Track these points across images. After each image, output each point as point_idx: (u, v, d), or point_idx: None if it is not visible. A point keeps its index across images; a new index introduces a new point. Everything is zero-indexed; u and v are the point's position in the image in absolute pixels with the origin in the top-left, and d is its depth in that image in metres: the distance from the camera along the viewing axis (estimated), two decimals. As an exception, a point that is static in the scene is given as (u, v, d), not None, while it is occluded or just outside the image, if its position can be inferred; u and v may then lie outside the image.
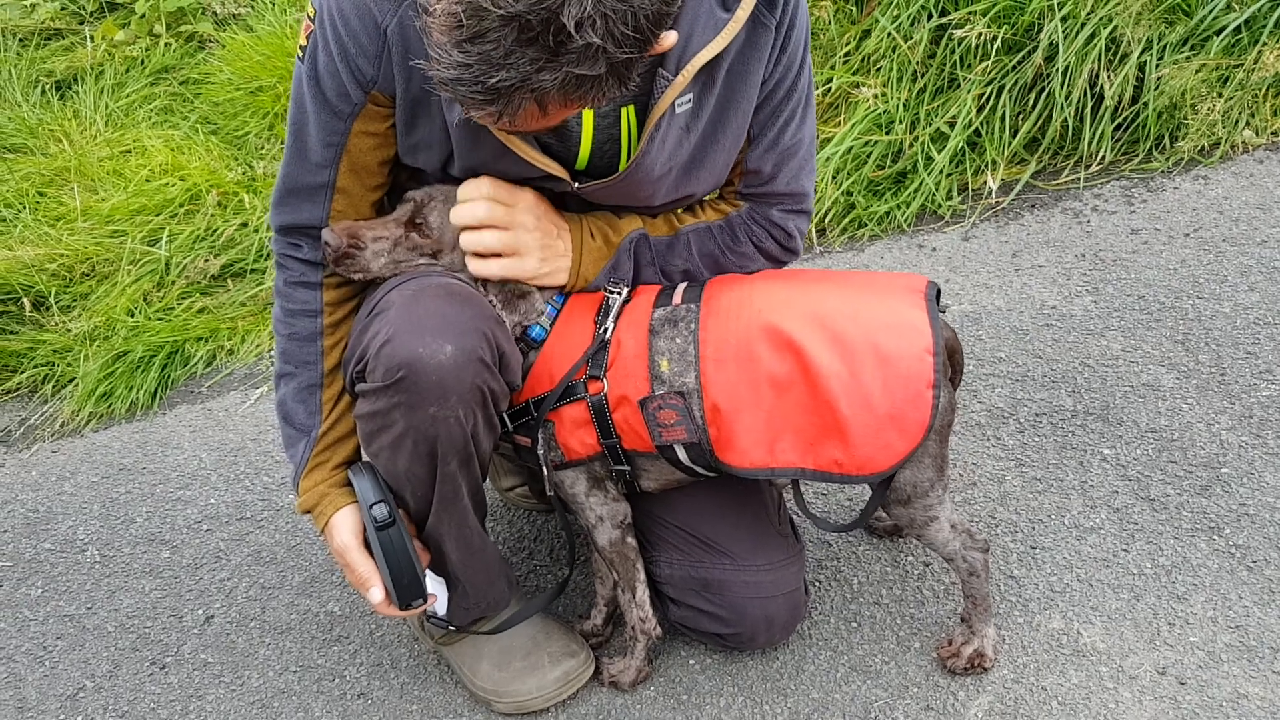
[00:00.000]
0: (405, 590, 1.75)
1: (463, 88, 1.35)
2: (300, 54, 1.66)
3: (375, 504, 1.71)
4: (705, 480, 1.90)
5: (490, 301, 1.74)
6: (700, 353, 1.71)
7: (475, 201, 1.71)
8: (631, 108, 1.68)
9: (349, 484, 1.78)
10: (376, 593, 1.76)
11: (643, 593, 1.94)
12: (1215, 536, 2.09)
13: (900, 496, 1.78)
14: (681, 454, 1.76)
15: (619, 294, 1.80)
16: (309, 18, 1.63)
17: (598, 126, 1.69)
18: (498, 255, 1.74)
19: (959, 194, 3.15)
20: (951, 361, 1.79)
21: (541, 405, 1.77)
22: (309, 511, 1.82)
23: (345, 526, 1.77)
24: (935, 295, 1.71)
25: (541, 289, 1.79)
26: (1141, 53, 3.04)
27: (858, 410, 1.64)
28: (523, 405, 1.79)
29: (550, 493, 1.86)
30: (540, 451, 1.81)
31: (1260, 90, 3.09)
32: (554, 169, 1.69)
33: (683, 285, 1.82)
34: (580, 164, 1.74)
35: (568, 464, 1.83)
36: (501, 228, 1.72)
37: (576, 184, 1.73)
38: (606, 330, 1.76)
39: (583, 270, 1.81)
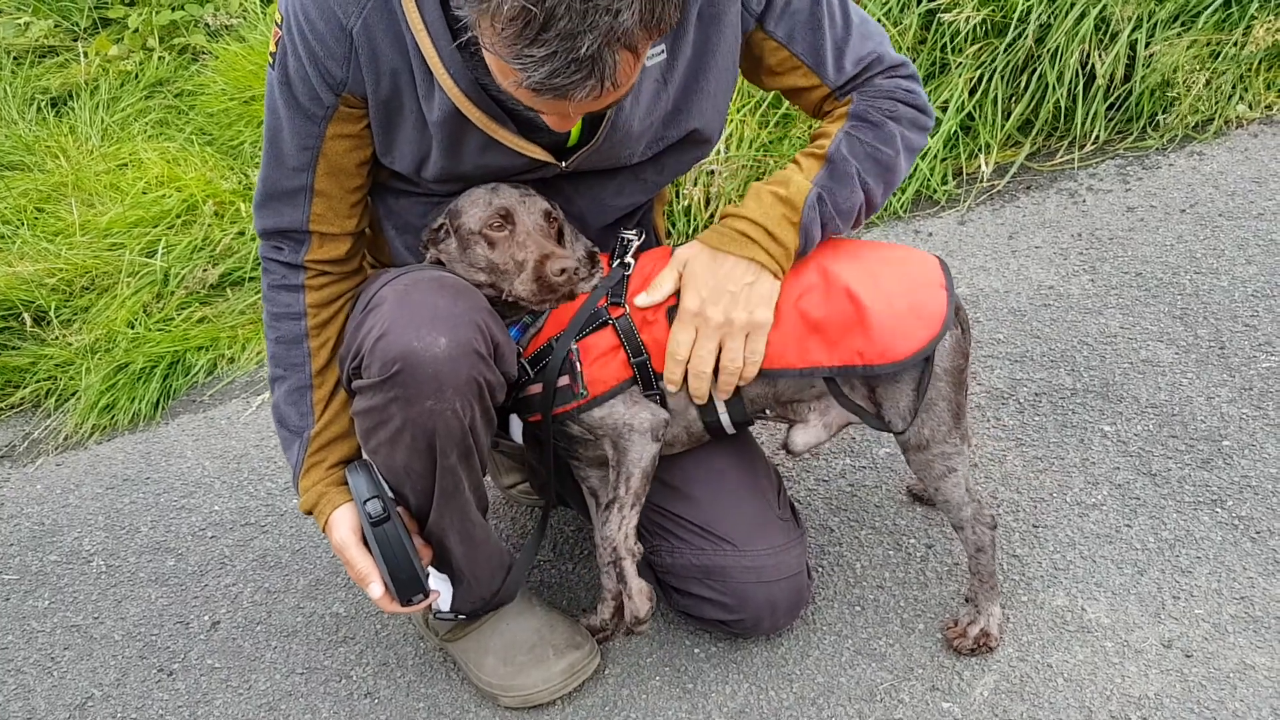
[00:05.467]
0: (404, 586, 1.75)
1: (559, 78, 1.33)
2: (271, 60, 1.67)
3: (369, 500, 1.71)
4: (706, 462, 1.92)
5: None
6: None
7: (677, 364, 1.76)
8: None
9: (347, 482, 1.78)
10: (376, 588, 1.76)
11: (637, 518, 1.87)
12: (1218, 509, 2.09)
13: (918, 441, 1.80)
14: None
15: (636, 238, 1.84)
16: (277, 24, 1.64)
17: None
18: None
19: (953, 178, 3.15)
20: (958, 318, 1.80)
21: (561, 338, 1.77)
22: (310, 511, 1.82)
23: (343, 524, 1.77)
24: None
25: None
26: (1132, 31, 3.04)
27: (879, 303, 1.70)
28: (541, 349, 1.79)
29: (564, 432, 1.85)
30: (557, 386, 1.78)
31: (1252, 64, 3.08)
32: (539, 154, 1.70)
33: None
34: (573, 140, 1.74)
35: (595, 401, 1.80)
36: (701, 350, 1.74)
37: (564, 163, 1.74)
38: (628, 266, 1.81)
39: (783, 264, 1.75)
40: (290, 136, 1.69)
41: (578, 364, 1.77)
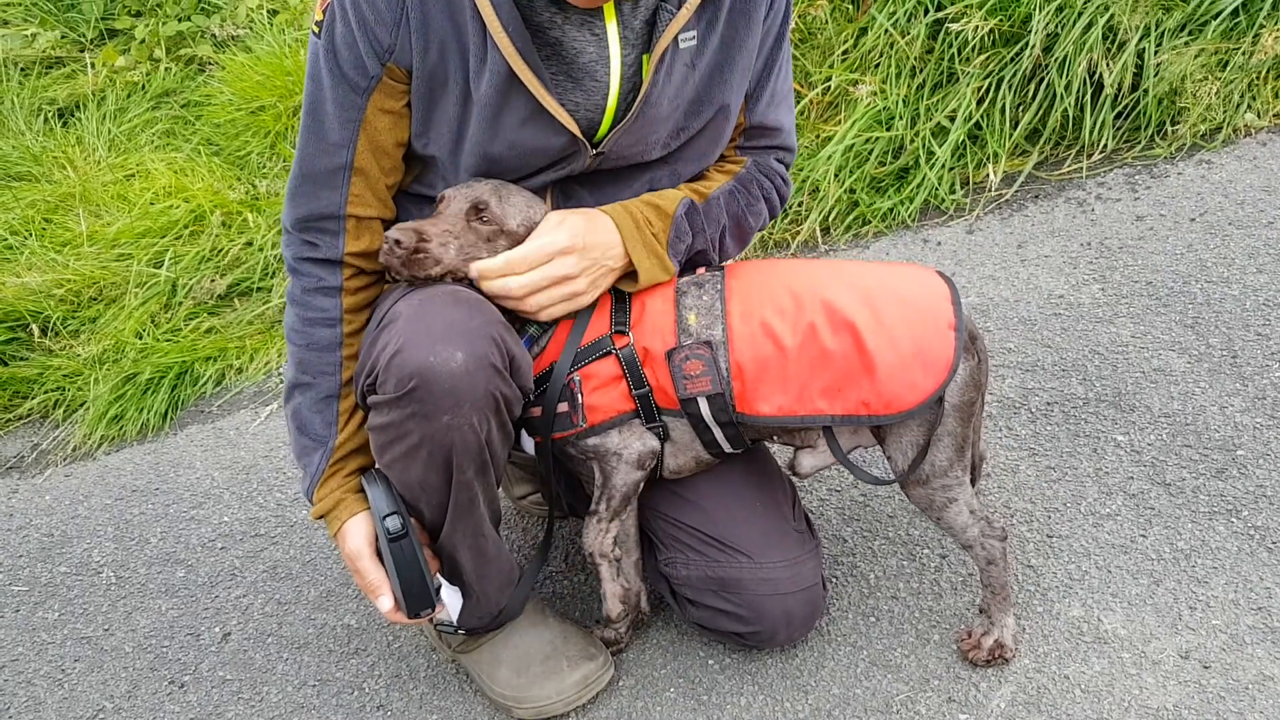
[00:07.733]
0: (414, 600, 1.75)
1: None
2: (316, 30, 1.67)
3: (389, 515, 1.71)
4: (719, 474, 1.91)
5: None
6: (727, 308, 1.76)
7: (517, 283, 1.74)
8: (648, 56, 1.70)
9: (362, 490, 1.77)
10: (385, 601, 1.76)
11: (616, 529, 1.90)
12: (1233, 519, 2.08)
13: (919, 476, 1.79)
14: (704, 408, 1.76)
15: None
16: None
17: (623, 77, 1.70)
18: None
19: (962, 187, 3.15)
20: (974, 348, 1.79)
21: (558, 365, 1.77)
22: (323, 517, 1.82)
23: (357, 533, 1.77)
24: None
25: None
26: (1140, 39, 3.04)
27: (884, 348, 1.68)
28: (543, 372, 1.78)
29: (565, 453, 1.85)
30: (556, 412, 1.78)
31: (1261, 72, 3.08)
32: (573, 127, 1.70)
33: (703, 266, 1.88)
34: (607, 122, 1.74)
35: (592, 430, 1.80)
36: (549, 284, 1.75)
37: (595, 149, 1.75)
38: (628, 293, 1.81)
39: (636, 255, 1.79)
40: (333, 109, 1.69)
41: (579, 395, 1.77)
